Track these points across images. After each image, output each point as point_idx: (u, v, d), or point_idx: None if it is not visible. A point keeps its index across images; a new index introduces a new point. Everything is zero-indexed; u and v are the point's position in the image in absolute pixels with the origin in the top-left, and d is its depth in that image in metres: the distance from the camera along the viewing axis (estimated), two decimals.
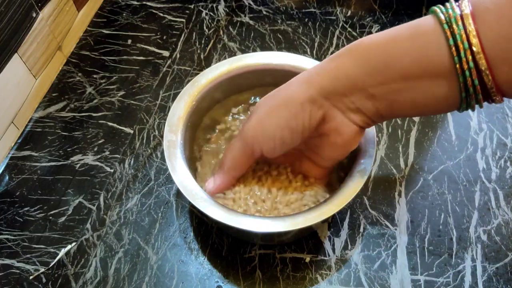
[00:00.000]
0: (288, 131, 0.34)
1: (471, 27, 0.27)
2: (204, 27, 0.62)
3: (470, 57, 0.27)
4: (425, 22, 0.29)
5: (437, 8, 0.29)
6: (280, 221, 0.35)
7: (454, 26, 0.27)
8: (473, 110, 0.30)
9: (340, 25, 0.61)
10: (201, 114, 0.44)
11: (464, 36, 0.27)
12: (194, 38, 0.61)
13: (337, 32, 0.60)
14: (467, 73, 0.28)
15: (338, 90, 0.32)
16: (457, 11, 0.28)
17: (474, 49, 0.27)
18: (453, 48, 0.28)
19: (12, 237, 0.44)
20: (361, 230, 0.44)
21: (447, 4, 0.29)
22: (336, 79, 0.32)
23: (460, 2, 0.29)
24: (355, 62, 0.31)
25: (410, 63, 0.29)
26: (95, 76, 0.57)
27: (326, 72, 0.32)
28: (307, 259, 0.42)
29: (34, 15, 0.52)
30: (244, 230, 0.35)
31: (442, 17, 0.28)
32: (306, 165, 0.39)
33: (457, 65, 0.28)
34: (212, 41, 0.60)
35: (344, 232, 0.43)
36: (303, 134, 0.34)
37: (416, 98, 0.31)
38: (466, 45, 0.27)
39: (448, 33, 0.28)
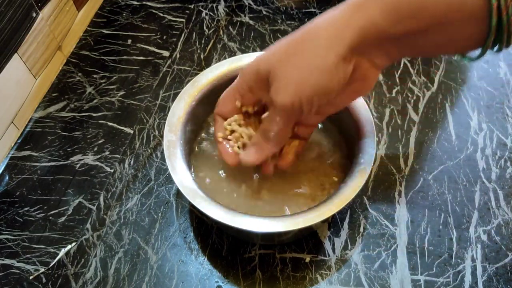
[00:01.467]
0: (326, 94, 0.33)
1: None
2: (204, 27, 0.62)
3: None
4: None
5: None
6: (280, 221, 0.35)
7: None
8: (499, 50, 0.29)
9: None
10: (201, 114, 0.44)
11: None
12: (194, 38, 0.61)
13: None
14: (503, 16, 0.27)
15: (368, 42, 0.31)
16: None
17: None
18: None
19: (12, 237, 0.44)
20: (361, 230, 0.44)
21: None
22: (365, 30, 0.31)
23: None
24: (383, 10, 0.30)
25: (443, 8, 0.28)
26: (95, 76, 0.57)
27: (354, 25, 0.31)
28: (307, 259, 0.42)
29: (34, 15, 0.52)
30: (244, 230, 0.35)
31: None
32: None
33: (494, 4, 0.27)
34: (212, 41, 0.60)
35: (344, 232, 0.43)
36: (337, 91, 0.33)
37: (442, 40, 0.30)
38: None
39: None
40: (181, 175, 0.37)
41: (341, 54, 0.31)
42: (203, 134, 0.45)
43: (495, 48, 0.29)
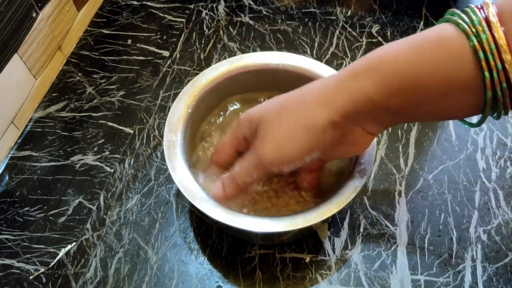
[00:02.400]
0: (309, 155, 0.34)
1: (502, 41, 0.26)
2: (204, 27, 0.62)
3: (502, 75, 0.26)
4: (448, 34, 0.28)
5: (459, 19, 0.28)
6: (280, 221, 0.35)
7: (483, 39, 0.26)
8: (498, 117, 0.29)
9: (340, 25, 0.61)
10: (201, 113, 0.44)
11: (495, 53, 0.26)
12: (194, 38, 0.61)
13: (337, 32, 0.60)
14: (497, 91, 0.27)
15: (360, 111, 0.31)
16: (482, 18, 0.27)
17: (507, 66, 0.26)
18: (484, 63, 0.26)
19: (12, 237, 0.44)
20: (361, 230, 0.44)
21: (469, 11, 0.28)
22: (358, 101, 0.31)
23: (484, 7, 0.27)
24: (377, 83, 0.30)
25: (436, 83, 0.28)
26: (95, 76, 0.57)
27: (347, 93, 0.31)
28: (307, 259, 0.42)
29: (34, 15, 0.52)
30: (244, 230, 0.35)
31: (467, 28, 0.27)
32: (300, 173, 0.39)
33: (487, 80, 0.27)
34: (212, 41, 0.60)
35: (344, 232, 0.43)
36: (322, 153, 0.34)
37: (437, 109, 0.30)
38: (500, 66, 0.26)
39: (478, 47, 0.26)
40: (181, 175, 0.37)
41: (330, 119, 0.32)
42: (203, 134, 0.45)
43: (494, 115, 0.29)
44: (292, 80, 0.44)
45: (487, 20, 0.27)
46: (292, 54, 0.44)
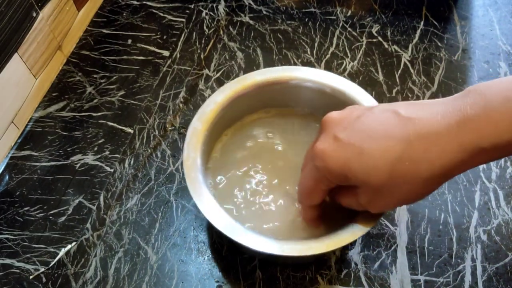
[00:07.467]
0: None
1: None
2: (204, 27, 0.62)
3: None
4: None
5: None
6: (299, 245, 0.34)
7: None
8: None
9: (340, 25, 0.61)
10: (233, 113, 0.44)
11: None
12: (194, 38, 0.61)
13: (337, 32, 0.60)
14: None
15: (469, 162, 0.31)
16: None
17: None
18: None
19: (12, 237, 0.44)
20: None
21: None
22: (472, 154, 0.30)
23: None
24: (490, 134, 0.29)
25: None
26: (95, 76, 0.57)
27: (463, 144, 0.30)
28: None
29: (34, 15, 0.52)
30: (271, 253, 0.33)
31: None
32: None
33: None
34: (212, 41, 0.60)
35: None
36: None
37: None
38: None
39: None
40: (191, 164, 0.37)
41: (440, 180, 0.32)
42: (228, 133, 0.44)
43: None
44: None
45: None
46: (327, 73, 0.43)
